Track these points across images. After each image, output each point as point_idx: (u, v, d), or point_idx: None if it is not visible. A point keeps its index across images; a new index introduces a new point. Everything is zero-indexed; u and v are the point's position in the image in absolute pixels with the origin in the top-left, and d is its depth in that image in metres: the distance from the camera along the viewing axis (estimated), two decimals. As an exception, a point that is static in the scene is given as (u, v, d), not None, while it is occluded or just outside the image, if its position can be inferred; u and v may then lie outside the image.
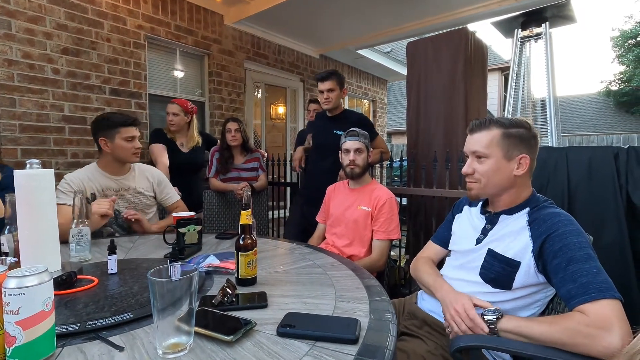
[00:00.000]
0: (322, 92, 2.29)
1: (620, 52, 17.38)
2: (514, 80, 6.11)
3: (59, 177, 2.49)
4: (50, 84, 2.47)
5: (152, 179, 1.84)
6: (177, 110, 2.59)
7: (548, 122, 5.58)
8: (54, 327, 0.62)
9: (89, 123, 2.67)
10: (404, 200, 2.58)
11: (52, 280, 0.62)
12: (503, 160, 1.00)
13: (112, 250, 1.05)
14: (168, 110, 2.61)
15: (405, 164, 5.30)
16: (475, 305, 0.93)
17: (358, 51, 4.94)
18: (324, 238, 1.90)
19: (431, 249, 1.28)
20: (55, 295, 0.85)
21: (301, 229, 2.30)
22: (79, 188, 1.61)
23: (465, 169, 1.07)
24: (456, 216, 1.23)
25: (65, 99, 2.54)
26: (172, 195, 1.89)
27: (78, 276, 0.96)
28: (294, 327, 0.70)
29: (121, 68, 2.83)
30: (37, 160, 1.01)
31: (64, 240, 1.45)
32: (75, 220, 1.21)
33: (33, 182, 1.00)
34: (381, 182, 2.03)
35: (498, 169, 1.00)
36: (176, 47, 3.32)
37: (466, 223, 1.15)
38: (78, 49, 2.59)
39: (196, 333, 0.67)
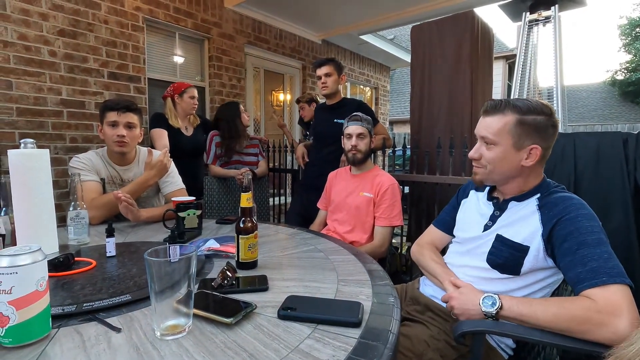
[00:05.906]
0: (319, 77, 2.29)
1: (627, 41, 17.04)
2: (520, 68, 5.99)
3: (57, 162, 2.50)
4: (47, 67, 2.42)
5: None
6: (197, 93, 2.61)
7: (555, 110, 5.50)
8: (49, 308, 0.61)
9: (87, 107, 2.63)
10: (406, 189, 2.55)
11: (45, 260, 0.60)
12: (512, 149, 0.93)
13: (110, 232, 1.03)
14: (194, 95, 2.57)
15: (408, 152, 5.24)
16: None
17: (361, 37, 4.84)
18: (325, 224, 1.88)
19: (434, 234, 1.24)
20: (51, 277, 0.85)
21: (302, 218, 2.28)
22: (94, 168, 1.53)
23: (471, 153, 1.01)
24: (462, 201, 1.19)
25: (62, 82, 2.49)
26: (174, 182, 1.70)
27: (75, 258, 0.94)
28: (295, 310, 0.69)
29: (119, 51, 2.77)
30: (32, 140, 0.98)
31: (115, 213, 1.47)
32: (73, 203, 1.19)
33: (28, 162, 0.97)
34: (383, 170, 1.99)
35: (505, 157, 0.94)
36: (175, 30, 3.25)
37: (472, 209, 1.12)
38: (75, 31, 2.53)
39: (195, 315, 0.66)
